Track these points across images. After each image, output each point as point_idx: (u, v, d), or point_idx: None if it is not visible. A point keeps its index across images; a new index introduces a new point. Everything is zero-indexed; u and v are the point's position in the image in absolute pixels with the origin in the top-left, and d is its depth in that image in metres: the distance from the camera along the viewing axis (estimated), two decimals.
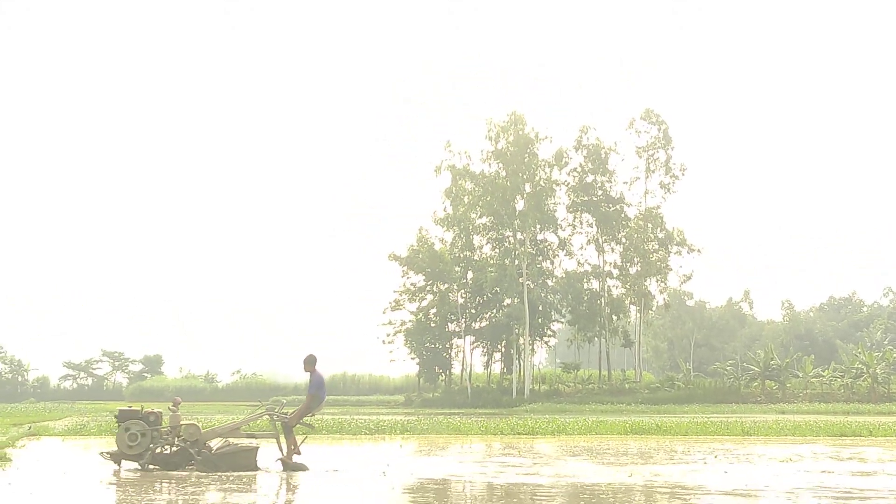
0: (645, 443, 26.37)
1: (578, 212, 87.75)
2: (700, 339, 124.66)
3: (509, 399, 79.32)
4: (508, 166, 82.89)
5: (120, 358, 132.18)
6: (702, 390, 78.02)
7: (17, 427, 33.83)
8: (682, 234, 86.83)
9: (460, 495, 13.28)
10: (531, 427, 32.54)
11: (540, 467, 17.84)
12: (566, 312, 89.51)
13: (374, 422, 35.73)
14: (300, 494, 13.45)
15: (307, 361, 18.72)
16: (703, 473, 16.21)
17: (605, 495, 13.13)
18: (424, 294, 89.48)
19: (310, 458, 17.73)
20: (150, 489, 14.18)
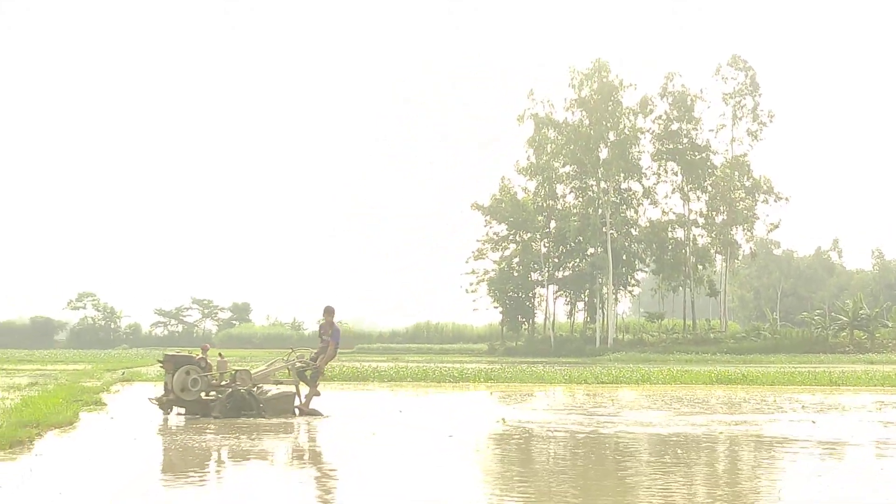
0: (731, 393, 26.23)
1: (663, 160, 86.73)
2: (787, 289, 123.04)
3: (592, 348, 79.24)
4: (592, 114, 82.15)
5: (209, 306, 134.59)
6: (788, 340, 77.13)
7: (111, 373, 34.78)
8: (770, 182, 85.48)
9: (545, 442, 13.40)
10: (615, 376, 32.56)
11: (624, 416, 17.90)
12: (650, 262, 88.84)
13: (458, 370, 36.00)
14: (394, 441, 13.67)
15: (329, 312, 18.89)
16: (790, 424, 16.10)
17: (690, 445, 13.15)
18: (507, 243, 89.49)
19: (394, 405, 17.93)
20: (228, 430, 14.50)
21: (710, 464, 11.70)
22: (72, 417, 15.29)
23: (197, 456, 11.87)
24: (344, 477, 10.59)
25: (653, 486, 9.54)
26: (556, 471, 10.74)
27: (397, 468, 11.01)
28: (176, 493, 9.15)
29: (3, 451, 11.20)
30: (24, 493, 8.67)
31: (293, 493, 9.26)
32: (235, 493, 9.32)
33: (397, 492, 9.21)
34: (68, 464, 10.95)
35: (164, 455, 11.90)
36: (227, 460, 11.72)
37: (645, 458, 11.93)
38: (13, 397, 18.68)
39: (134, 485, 9.77)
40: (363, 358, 66.90)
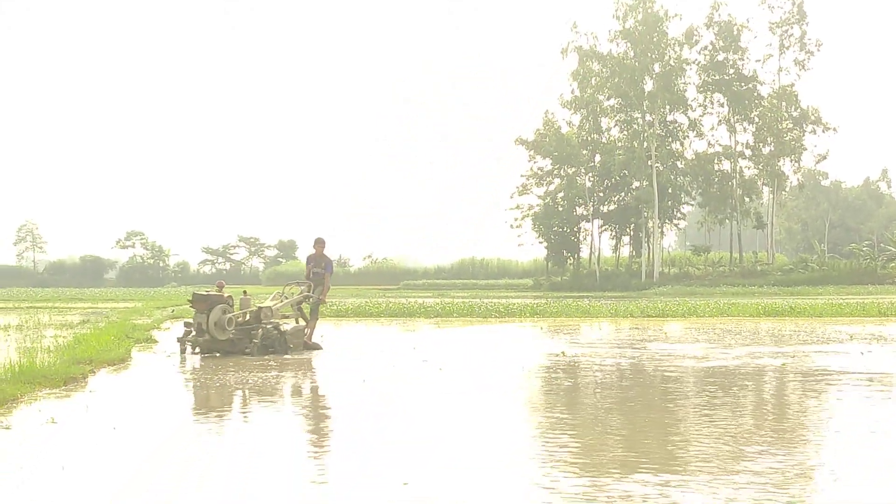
0: (778, 325, 26.12)
1: (709, 91, 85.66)
2: (835, 220, 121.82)
3: (638, 282, 79.06)
4: (637, 46, 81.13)
5: (255, 243, 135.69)
6: (836, 272, 76.46)
7: (161, 310, 35.24)
8: (818, 112, 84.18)
9: (593, 374, 13.44)
10: (661, 310, 32.50)
11: (670, 348, 17.89)
12: (696, 194, 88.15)
13: (504, 305, 36.09)
14: (448, 378, 13.75)
15: (320, 243, 19.01)
16: (838, 356, 16.02)
17: (736, 377, 13.13)
18: (552, 178, 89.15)
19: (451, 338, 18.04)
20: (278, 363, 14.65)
21: (759, 396, 11.69)
22: (124, 355, 15.53)
23: (238, 393, 12.03)
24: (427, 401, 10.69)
25: (700, 417, 9.55)
26: (603, 404, 10.77)
27: (452, 399, 11.10)
28: (228, 426, 9.28)
29: (58, 388, 11.40)
30: (80, 429, 8.83)
31: (360, 419, 9.36)
32: (301, 426, 9.44)
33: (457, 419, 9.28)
34: (122, 400, 11.14)
35: (212, 392, 12.05)
36: (278, 397, 11.85)
37: (692, 390, 11.94)
38: (66, 335, 18.96)
39: (186, 422, 9.93)
40: (409, 294, 67.19)
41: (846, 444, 8.01)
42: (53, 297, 57.14)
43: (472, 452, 7.66)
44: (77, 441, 8.20)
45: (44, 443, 8.02)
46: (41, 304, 43.46)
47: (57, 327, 23.19)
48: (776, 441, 8.04)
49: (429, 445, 8.01)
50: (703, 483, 6.37)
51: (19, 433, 8.45)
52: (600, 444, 8.10)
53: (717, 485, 6.31)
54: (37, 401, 10.40)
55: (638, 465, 7.07)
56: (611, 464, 7.19)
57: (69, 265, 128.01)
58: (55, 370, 12.05)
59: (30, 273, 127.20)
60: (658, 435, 8.48)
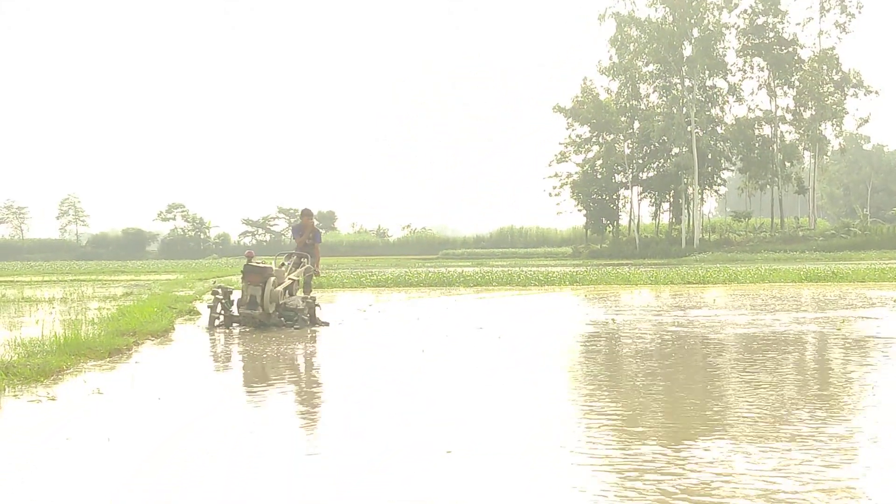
0: (821, 290, 25.93)
1: (749, 56, 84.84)
2: (878, 184, 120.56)
3: (678, 249, 78.75)
4: (675, 11, 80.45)
5: (295, 214, 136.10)
6: (879, 236, 75.74)
7: (203, 282, 35.50)
8: (860, 75, 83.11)
9: (635, 341, 13.41)
10: (701, 276, 32.37)
11: (713, 314, 17.81)
12: (736, 160, 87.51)
13: (544, 273, 36.08)
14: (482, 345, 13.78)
15: (307, 214, 18.85)
16: (883, 321, 15.89)
17: (780, 342, 13.06)
18: (590, 146, 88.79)
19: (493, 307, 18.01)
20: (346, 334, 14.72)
21: (803, 362, 11.62)
22: (167, 326, 15.65)
23: (289, 366, 12.12)
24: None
25: (741, 383, 9.51)
26: (644, 370, 10.75)
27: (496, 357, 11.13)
28: (276, 399, 9.34)
29: (103, 360, 11.52)
30: (125, 400, 8.93)
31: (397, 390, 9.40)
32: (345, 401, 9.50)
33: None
34: (166, 371, 11.24)
35: (260, 363, 12.13)
36: (332, 369, 11.93)
37: (734, 356, 11.89)
38: (109, 307, 19.14)
39: (231, 392, 10.01)
40: (448, 263, 67.37)
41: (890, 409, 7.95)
42: (96, 269, 57.71)
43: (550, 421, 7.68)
44: (123, 411, 8.29)
45: (90, 413, 8.11)
46: (84, 277, 43.94)
47: (100, 300, 23.43)
48: (821, 406, 8.00)
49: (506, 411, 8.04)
50: (751, 449, 6.35)
51: (66, 404, 8.55)
52: (660, 409, 8.10)
53: (766, 451, 6.28)
54: (82, 372, 10.51)
55: (693, 432, 7.06)
56: (665, 429, 7.19)
57: (111, 238, 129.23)
58: (100, 342, 12.16)
59: (73, 246, 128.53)
60: (706, 402, 8.46)
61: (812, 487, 5.39)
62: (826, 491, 5.33)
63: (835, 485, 5.46)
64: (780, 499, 5.19)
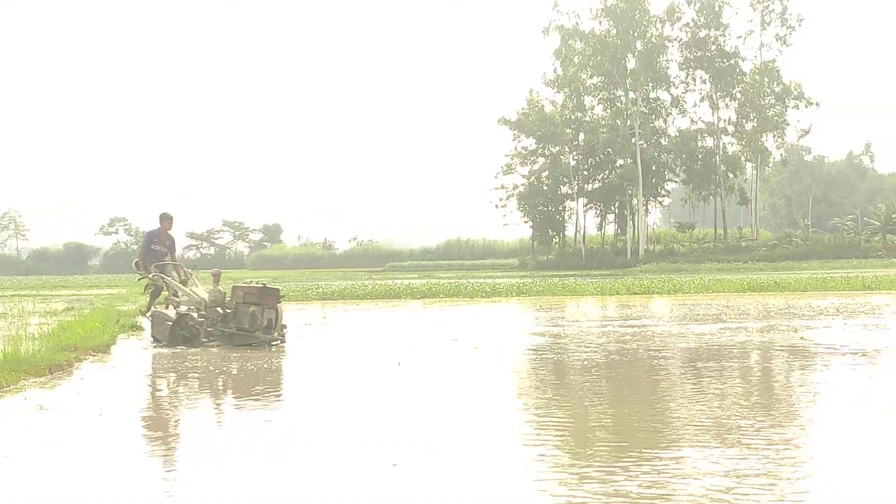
0: (763, 300, 26.21)
1: (691, 68, 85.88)
2: (818, 195, 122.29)
3: (624, 260, 79.33)
4: (619, 24, 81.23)
5: (240, 227, 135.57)
6: (820, 246, 76.90)
7: (145, 295, 35.05)
8: (800, 87, 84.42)
9: (579, 352, 13.45)
10: (646, 286, 32.60)
11: (656, 325, 17.93)
12: (680, 171, 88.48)
13: (490, 285, 36.12)
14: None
15: (166, 218, 18.48)
16: (823, 330, 16.07)
17: (722, 352, 13.16)
18: (536, 157, 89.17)
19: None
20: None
21: (745, 371, 11.72)
22: (109, 341, 15.44)
23: (249, 380, 12.01)
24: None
25: (685, 392, 9.57)
26: (588, 381, 10.79)
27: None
28: (239, 413, 9.25)
29: (44, 377, 11.34)
30: (68, 416, 8.79)
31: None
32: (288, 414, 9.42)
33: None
34: (108, 387, 11.07)
35: (205, 378, 12.02)
36: (296, 384, 11.83)
37: (677, 365, 11.97)
38: (50, 322, 18.86)
39: (177, 408, 9.88)
40: (395, 276, 67.26)
41: (834, 417, 8.04)
42: (37, 284, 56.95)
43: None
44: (65, 427, 8.16)
45: (32, 430, 7.98)
46: (25, 293, 43.27)
47: (41, 315, 23.09)
48: (766, 414, 8.07)
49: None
50: (697, 459, 6.39)
51: (7, 421, 8.40)
52: (609, 421, 8.12)
53: (713, 459, 6.32)
54: (22, 390, 10.34)
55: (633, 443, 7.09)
56: (611, 440, 7.21)
57: (52, 252, 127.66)
58: (40, 358, 11.97)
59: (13, 261, 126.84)
60: (650, 412, 8.50)
61: (760, 493, 5.43)
62: (771, 491, 5.37)
63: (784, 488, 5.50)
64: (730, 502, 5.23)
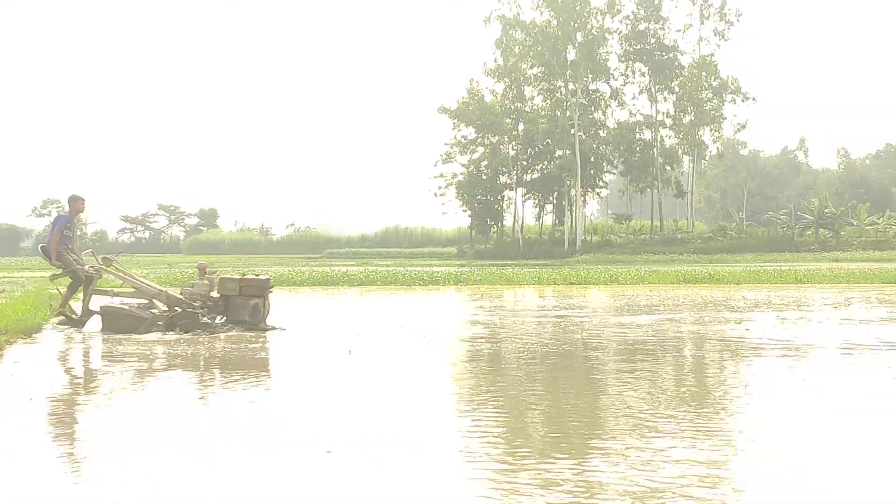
0: (697, 292, 26.48)
1: (631, 61, 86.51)
2: (753, 189, 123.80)
3: (561, 250, 79.70)
4: (560, 15, 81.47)
5: (176, 212, 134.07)
6: (754, 240, 77.97)
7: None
8: (737, 81, 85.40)
9: (513, 342, 13.48)
10: (583, 277, 32.81)
11: (590, 315, 18.04)
12: (618, 163, 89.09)
13: (428, 273, 36.13)
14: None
15: (76, 200, 17.04)
16: (754, 323, 16.25)
17: (656, 344, 13.27)
18: (475, 146, 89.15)
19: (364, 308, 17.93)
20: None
21: (678, 363, 11.82)
22: (40, 324, 15.22)
23: (192, 365, 11.87)
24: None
25: (618, 382, 9.63)
26: (529, 371, 10.82)
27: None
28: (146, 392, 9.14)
29: None
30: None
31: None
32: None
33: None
34: (37, 371, 10.90)
35: (140, 363, 11.86)
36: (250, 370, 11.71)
37: (611, 356, 12.04)
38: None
39: (106, 389, 9.74)
40: (332, 262, 67.02)
41: (763, 410, 8.14)
42: None
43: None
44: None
45: None
46: None
47: None
48: (695, 408, 8.15)
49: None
50: (626, 453, 6.43)
51: None
52: (541, 415, 8.14)
53: (641, 454, 6.36)
54: None
55: (562, 439, 7.11)
56: (540, 437, 7.23)
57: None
58: None
59: None
60: (585, 402, 8.54)
61: (689, 481, 5.48)
62: (702, 480, 5.42)
63: (710, 474, 5.56)
64: (661, 488, 5.27)
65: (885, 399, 8.56)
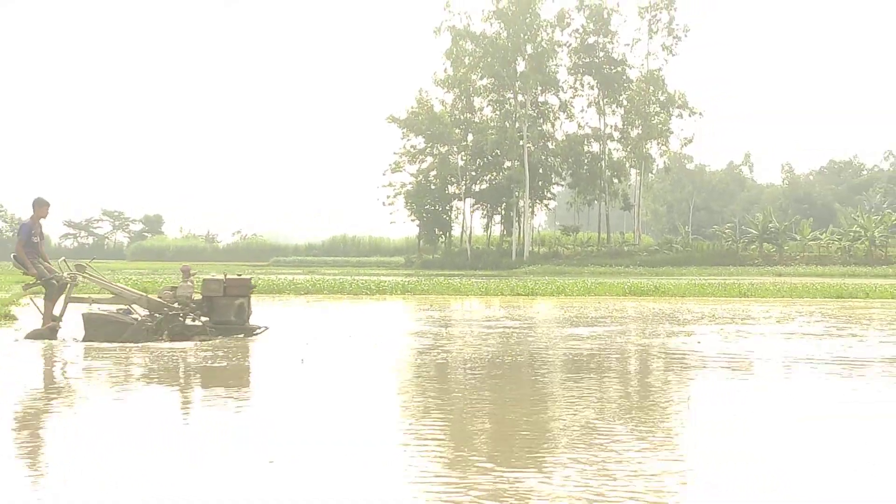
0: (643, 304, 26.64)
1: (580, 74, 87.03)
2: (699, 203, 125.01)
3: (509, 261, 79.89)
4: (510, 27, 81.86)
5: (120, 217, 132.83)
6: (700, 253, 78.66)
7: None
8: (684, 96, 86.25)
9: (459, 352, 13.47)
10: (530, 288, 32.85)
11: (537, 327, 18.09)
12: (566, 175, 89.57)
13: (375, 282, 36.05)
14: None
15: (41, 204, 15.97)
16: (697, 336, 16.36)
17: (599, 356, 13.32)
18: (424, 156, 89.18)
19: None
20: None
21: (622, 375, 11.88)
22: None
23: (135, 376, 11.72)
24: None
25: (562, 395, 9.65)
26: (475, 383, 10.81)
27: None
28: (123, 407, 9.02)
29: None
30: None
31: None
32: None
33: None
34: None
35: (77, 373, 11.70)
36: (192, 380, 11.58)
37: (557, 368, 12.07)
38: None
39: (51, 402, 9.60)
40: (279, 271, 66.65)
41: (705, 425, 8.19)
42: None
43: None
44: None
45: None
46: None
47: None
48: (638, 423, 8.18)
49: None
50: (566, 469, 6.44)
51: None
52: (485, 428, 8.13)
53: (582, 471, 6.37)
54: None
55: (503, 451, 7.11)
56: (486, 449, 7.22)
57: None
58: None
59: None
60: (529, 414, 8.54)
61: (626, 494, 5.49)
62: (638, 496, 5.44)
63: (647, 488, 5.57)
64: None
65: (828, 406, 8.67)
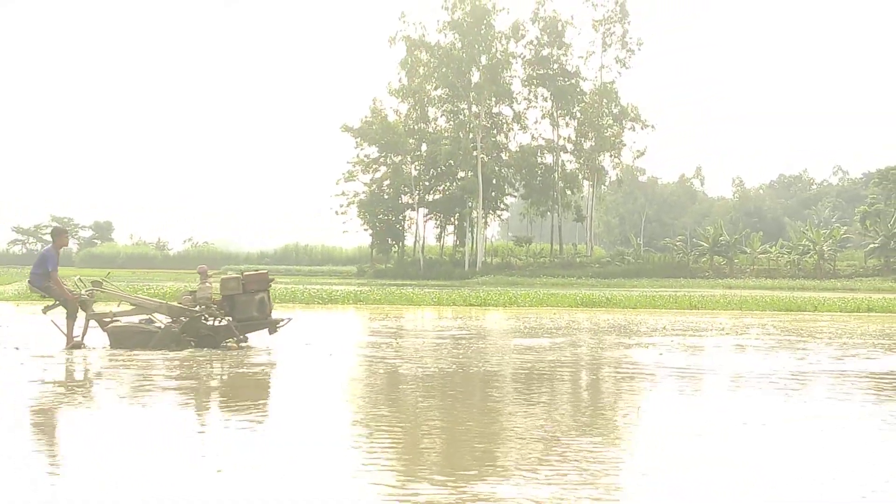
0: (594, 315, 26.73)
1: (534, 85, 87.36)
2: (651, 215, 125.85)
3: (461, 271, 79.92)
4: (465, 38, 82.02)
5: (69, 224, 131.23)
6: (651, 265, 79.21)
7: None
8: (637, 109, 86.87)
9: (410, 364, 13.43)
10: (483, 299, 32.89)
11: (489, 338, 18.10)
12: (520, 186, 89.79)
13: (327, 292, 35.92)
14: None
15: (67, 233, 16.55)
16: (648, 348, 16.41)
17: (551, 368, 13.33)
18: (378, 166, 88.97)
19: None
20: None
21: (573, 388, 11.90)
22: None
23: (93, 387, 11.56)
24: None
25: (513, 407, 9.64)
26: (425, 392, 10.78)
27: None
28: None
29: None
30: None
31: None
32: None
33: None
34: None
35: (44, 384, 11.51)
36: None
37: (507, 380, 12.06)
38: None
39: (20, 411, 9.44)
40: None
41: (656, 437, 8.21)
42: None
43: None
44: None
45: None
46: None
47: None
48: (589, 435, 8.18)
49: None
50: (515, 482, 6.42)
51: None
52: (437, 441, 8.09)
53: (532, 484, 6.35)
54: None
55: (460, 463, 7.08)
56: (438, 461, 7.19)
57: None
58: None
59: None
60: (481, 425, 8.52)
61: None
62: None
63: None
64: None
65: (772, 413, 8.73)
